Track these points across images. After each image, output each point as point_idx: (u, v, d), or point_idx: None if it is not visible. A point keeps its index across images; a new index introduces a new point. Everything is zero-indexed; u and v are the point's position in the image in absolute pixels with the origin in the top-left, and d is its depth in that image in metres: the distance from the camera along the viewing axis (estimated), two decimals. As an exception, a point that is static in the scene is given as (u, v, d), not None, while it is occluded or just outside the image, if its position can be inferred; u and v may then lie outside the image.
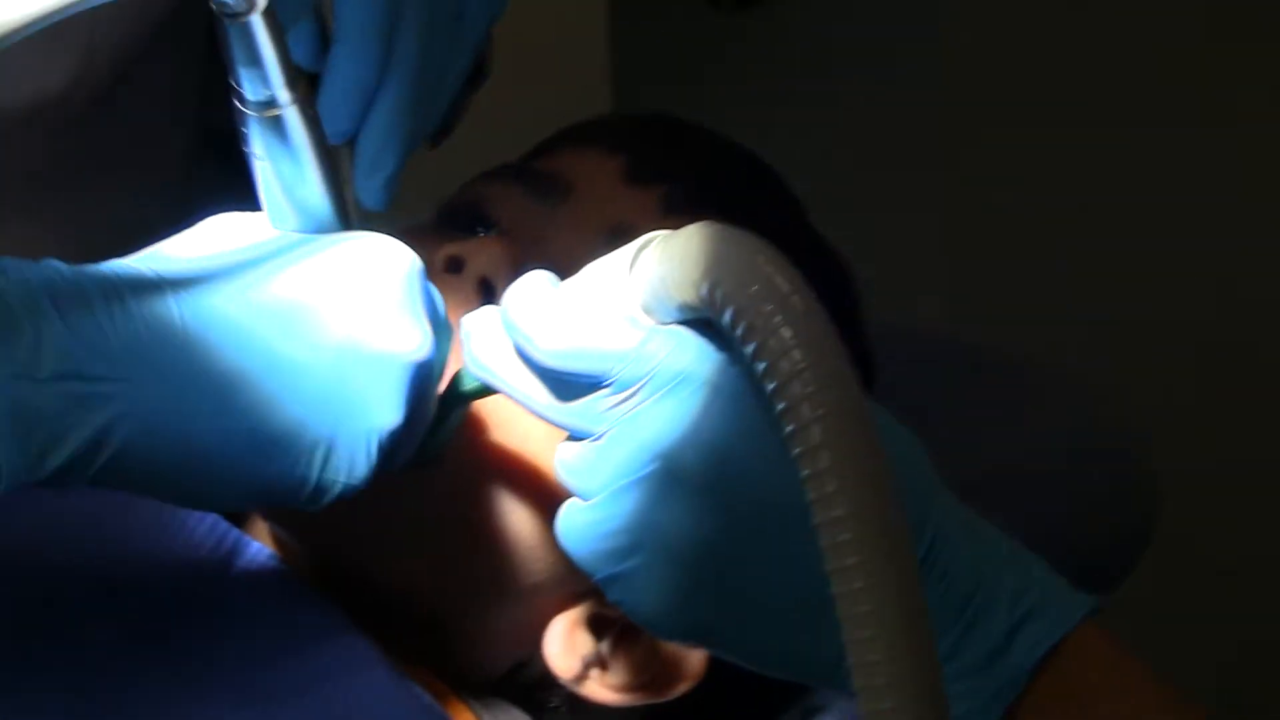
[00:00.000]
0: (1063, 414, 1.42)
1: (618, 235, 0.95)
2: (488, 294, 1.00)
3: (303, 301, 0.83)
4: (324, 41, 0.90)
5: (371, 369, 0.83)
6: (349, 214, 0.88)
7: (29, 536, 0.96)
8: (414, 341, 0.84)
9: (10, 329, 0.76)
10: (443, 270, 1.01)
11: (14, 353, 0.76)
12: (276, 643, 0.95)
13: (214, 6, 0.79)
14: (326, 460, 0.83)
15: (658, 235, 0.81)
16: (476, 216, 1.07)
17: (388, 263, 0.85)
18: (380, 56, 0.90)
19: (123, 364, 0.78)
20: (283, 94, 0.82)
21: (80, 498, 0.96)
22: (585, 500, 0.82)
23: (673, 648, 0.99)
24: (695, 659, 0.99)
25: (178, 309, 0.80)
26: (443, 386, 0.89)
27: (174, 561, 0.97)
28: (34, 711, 0.90)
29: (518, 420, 0.95)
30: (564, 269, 0.86)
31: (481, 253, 1.02)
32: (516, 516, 0.97)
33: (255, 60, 0.81)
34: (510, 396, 0.85)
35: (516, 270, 0.94)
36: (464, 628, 1.01)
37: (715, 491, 0.80)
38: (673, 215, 1.04)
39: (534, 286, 0.83)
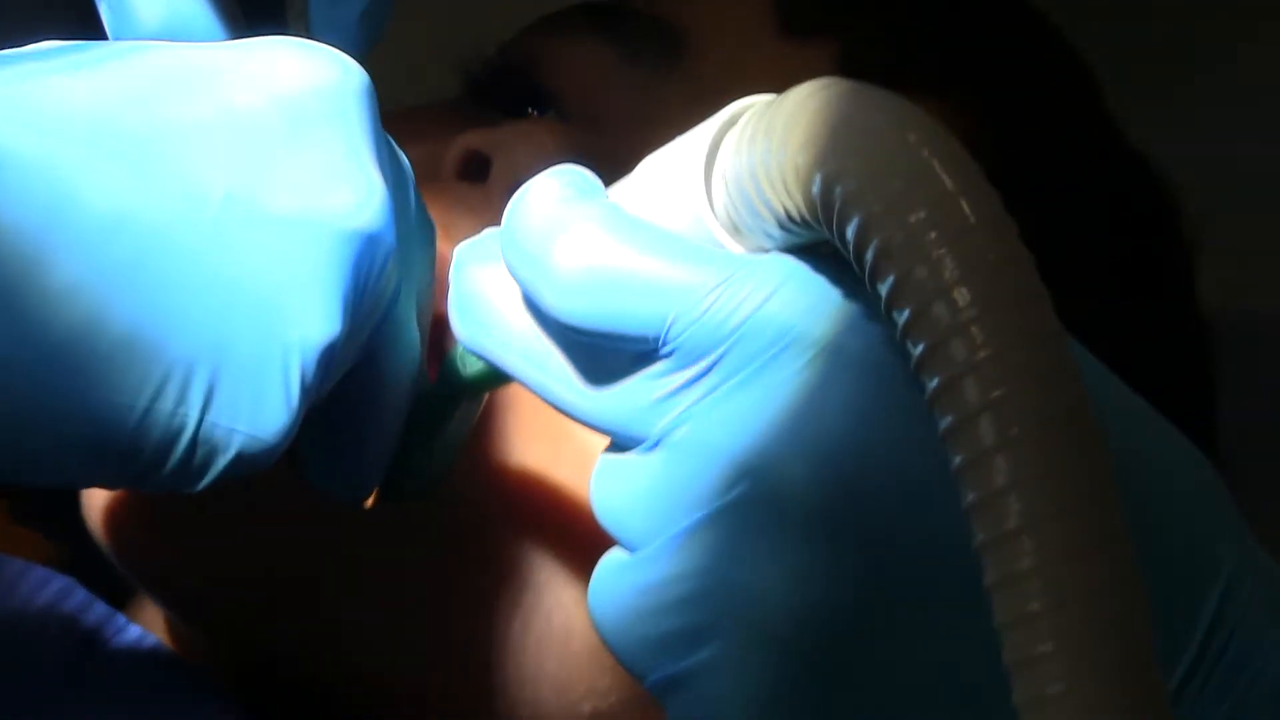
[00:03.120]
0: None
1: None
2: None
3: (165, 122, 0.52)
4: None
5: (285, 241, 0.52)
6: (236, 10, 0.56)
7: None
8: (352, 197, 0.53)
9: None
10: (455, 173, 0.71)
11: None
12: None
13: None
14: (211, 391, 0.51)
15: (754, 103, 0.51)
16: (526, 86, 0.74)
17: (313, 74, 0.54)
18: None
19: None
20: None
21: None
22: (631, 551, 0.51)
23: None
24: None
25: None
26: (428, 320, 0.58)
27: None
28: None
29: (550, 420, 0.63)
30: None
31: (519, 144, 0.70)
32: (542, 589, 0.67)
33: None
34: (515, 376, 0.54)
35: None
36: None
37: (841, 530, 0.49)
38: None
39: (551, 186, 0.53)
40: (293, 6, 0.59)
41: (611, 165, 0.60)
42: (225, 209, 0.51)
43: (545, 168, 0.57)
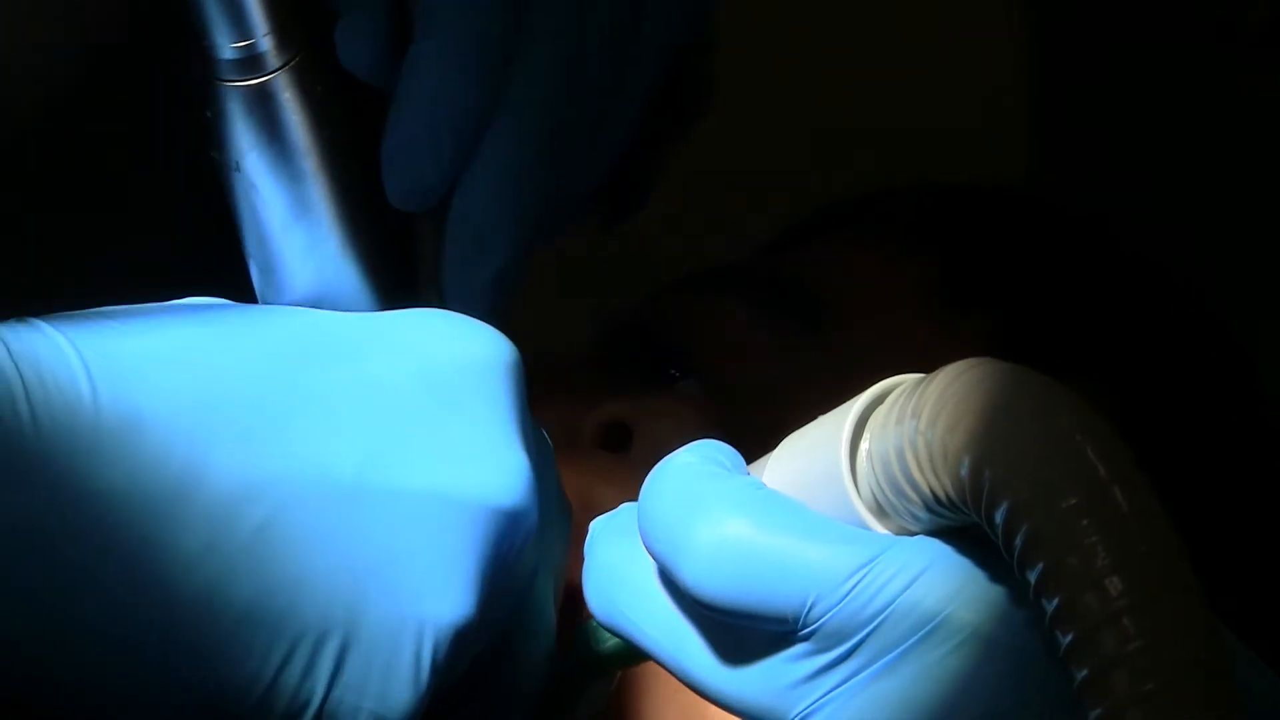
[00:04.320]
0: None
1: None
2: None
3: (305, 395, 0.52)
4: (399, 39, 0.58)
5: (423, 515, 0.52)
6: (383, 281, 0.56)
7: None
8: (496, 475, 0.53)
9: None
10: (597, 443, 0.71)
11: None
12: None
13: None
14: (339, 665, 0.51)
15: (903, 381, 0.50)
16: (665, 353, 0.74)
17: (458, 351, 0.54)
18: (497, 57, 0.58)
19: None
20: (268, 44, 0.52)
21: None
22: None
23: None
24: None
25: (89, 386, 0.49)
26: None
27: None
28: None
29: (686, 700, 0.62)
30: None
31: (663, 416, 0.71)
32: None
33: None
34: (649, 653, 0.53)
35: None
36: None
37: None
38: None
39: (691, 463, 0.52)
40: (424, 273, 0.60)
41: (754, 440, 0.59)
42: (360, 481, 0.51)
43: (687, 440, 0.57)
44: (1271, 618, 0.73)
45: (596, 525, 0.56)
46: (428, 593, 0.51)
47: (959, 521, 0.48)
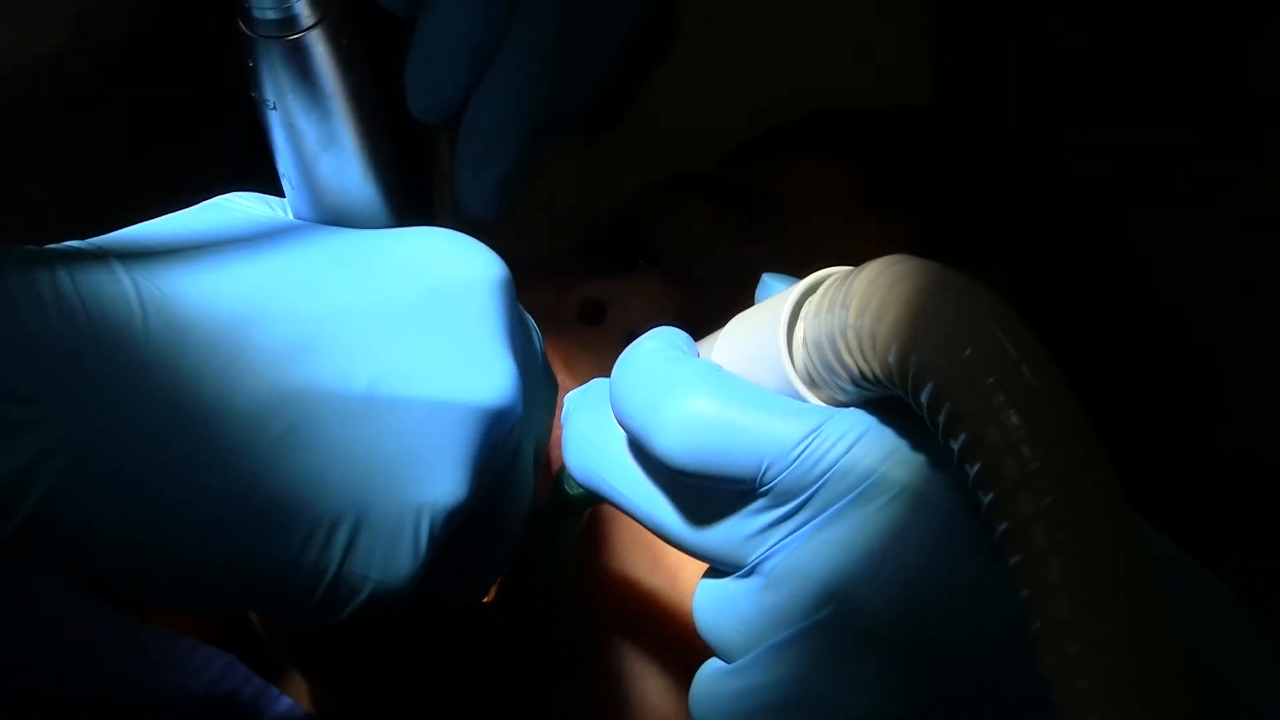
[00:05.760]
0: None
1: None
2: None
3: (325, 314, 0.59)
4: None
5: (424, 415, 0.59)
6: (398, 200, 0.64)
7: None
8: (487, 382, 0.60)
9: None
10: (576, 318, 0.78)
11: None
12: None
13: None
14: (351, 543, 0.58)
15: (832, 274, 0.57)
16: (637, 244, 0.83)
17: (458, 268, 0.61)
18: None
19: (54, 378, 0.55)
20: (302, 6, 0.58)
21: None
22: (729, 663, 0.58)
23: None
24: None
25: (140, 309, 0.56)
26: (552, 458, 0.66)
27: (169, 711, 0.75)
28: None
29: (646, 535, 0.70)
30: None
31: (633, 296, 0.78)
32: (642, 688, 0.73)
33: None
34: (624, 511, 0.61)
35: (681, 326, 0.69)
36: None
37: (915, 651, 0.55)
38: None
39: (654, 349, 0.60)
40: (439, 169, 0.68)
41: (708, 318, 0.67)
42: (372, 389, 0.59)
43: (653, 316, 0.68)
44: (1146, 459, 0.82)
45: (571, 399, 0.63)
46: (426, 482, 0.59)
47: (882, 394, 0.55)
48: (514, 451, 0.63)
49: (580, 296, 0.79)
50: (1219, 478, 0.88)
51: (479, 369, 0.60)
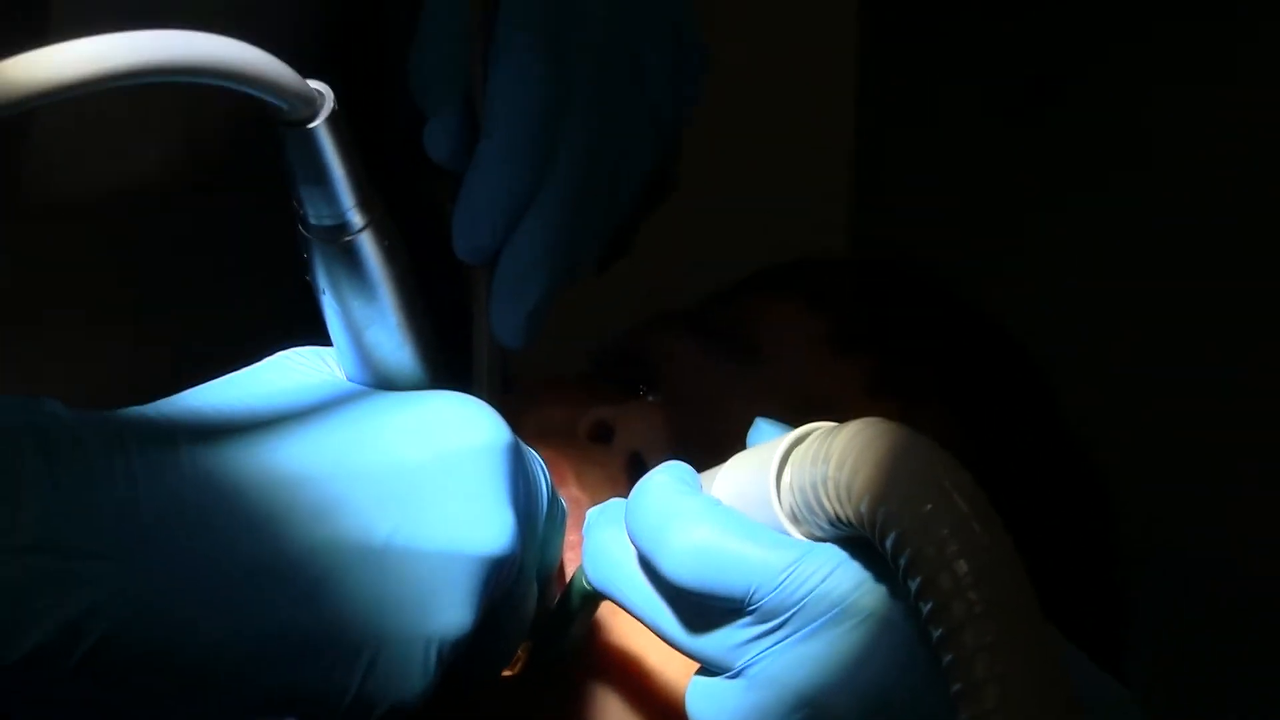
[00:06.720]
0: None
1: (812, 414, 0.76)
2: (638, 471, 0.85)
3: (352, 476, 0.68)
4: (471, 135, 0.77)
5: (434, 563, 0.69)
6: (432, 362, 0.73)
7: None
8: (489, 534, 0.69)
9: None
10: (587, 437, 0.88)
11: None
12: None
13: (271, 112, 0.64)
14: (371, 669, 0.68)
15: (817, 429, 0.67)
16: (639, 372, 0.93)
17: (468, 434, 0.71)
18: (539, 156, 0.77)
19: (113, 537, 0.64)
20: (353, 216, 0.67)
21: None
22: None
23: None
24: None
25: (195, 481, 0.66)
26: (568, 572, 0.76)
27: None
28: None
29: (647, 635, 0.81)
30: (737, 451, 0.72)
31: (637, 421, 0.89)
32: None
33: (318, 176, 0.66)
34: (631, 614, 0.71)
35: (676, 447, 0.79)
36: None
37: None
38: (881, 397, 0.91)
39: (664, 482, 0.70)
40: (477, 304, 0.78)
41: (704, 440, 0.77)
42: (389, 541, 0.68)
43: (653, 439, 0.81)
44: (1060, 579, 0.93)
45: (592, 514, 0.73)
46: (436, 617, 0.69)
47: (853, 534, 0.65)
48: (512, 584, 0.73)
49: (591, 419, 0.89)
50: (1121, 582, 0.98)
51: (482, 522, 0.69)
